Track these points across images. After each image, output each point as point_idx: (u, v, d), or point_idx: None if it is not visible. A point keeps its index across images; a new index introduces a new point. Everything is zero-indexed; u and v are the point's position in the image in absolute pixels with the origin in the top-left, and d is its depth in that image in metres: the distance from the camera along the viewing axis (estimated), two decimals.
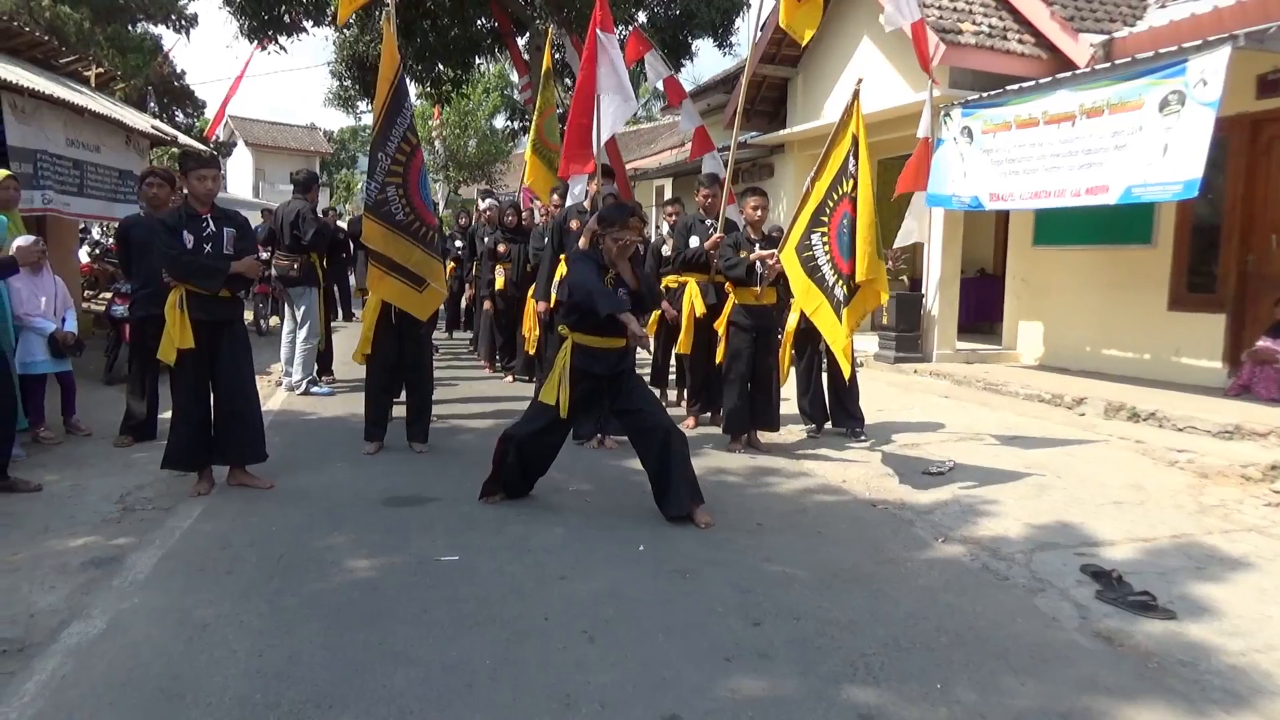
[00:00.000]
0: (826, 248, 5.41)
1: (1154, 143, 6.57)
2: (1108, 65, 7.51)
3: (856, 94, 5.33)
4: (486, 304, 8.98)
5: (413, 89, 20.24)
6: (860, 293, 5.31)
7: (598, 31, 6.23)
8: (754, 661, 2.96)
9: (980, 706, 2.70)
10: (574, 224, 6.61)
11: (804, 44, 6.22)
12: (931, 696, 2.75)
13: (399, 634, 3.10)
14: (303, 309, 7.80)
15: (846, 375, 5.75)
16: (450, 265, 10.77)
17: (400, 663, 2.89)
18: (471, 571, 3.73)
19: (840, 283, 5.27)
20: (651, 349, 4.11)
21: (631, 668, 2.89)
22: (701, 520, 4.35)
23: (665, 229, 7.81)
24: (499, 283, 8.78)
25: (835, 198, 5.36)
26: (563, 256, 6.69)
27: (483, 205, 10.41)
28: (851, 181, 5.21)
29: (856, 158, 5.20)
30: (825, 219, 5.44)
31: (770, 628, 3.22)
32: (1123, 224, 8.47)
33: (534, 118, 8.36)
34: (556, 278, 6.71)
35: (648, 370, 7.94)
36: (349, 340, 7.25)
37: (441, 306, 11.81)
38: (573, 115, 6.71)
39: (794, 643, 3.10)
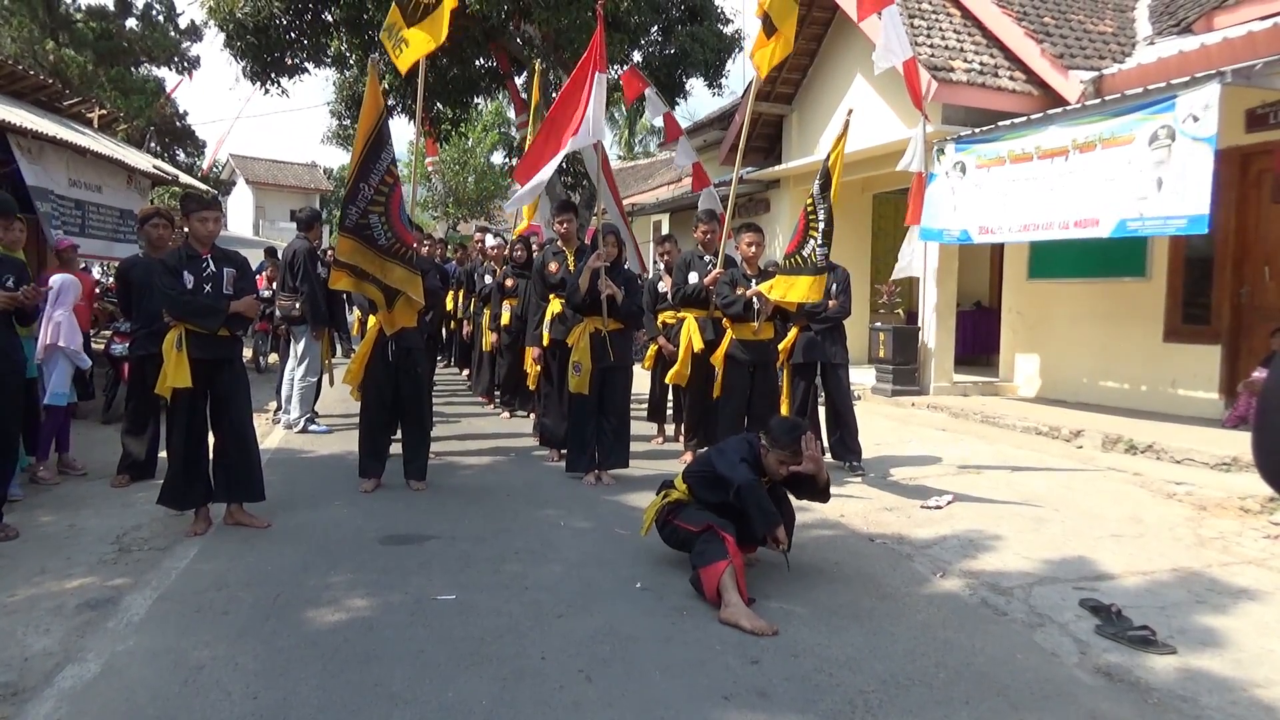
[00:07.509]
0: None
1: (1144, 177, 6.66)
2: (1098, 101, 7.63)
3: (846, 123, 5.72)
4: (492, 338, 8.97)
5: (411, 128, 20.48)
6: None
7: (596, 74, 6.22)
8: (753, 700, 2.94)
9: None
10: (553, 266, 6.62)
11: (762, 77, 6.59)
12: None
13: (395, 674, 3.09)
14: (302, 347, 7.83)
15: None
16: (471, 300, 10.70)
17: (396, 704, 2.87)
18: (469, 610, 3.71)
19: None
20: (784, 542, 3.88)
21: (629, 707, 2.87)
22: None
23: (660, 266, 7.86)
24: (505, 318, 8.79)
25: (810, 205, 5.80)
26: (551, 296, 6.71)
27: (490, 242, 10.23)
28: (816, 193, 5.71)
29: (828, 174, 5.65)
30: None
31: (769, 665, 3.20)
32: (1117, 257, 8.54)
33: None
34: (547, 318, 6.74)
35: (645, 404, 7.96)
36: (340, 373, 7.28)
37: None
38: (540, 135, 6.62)
39: (793, 680, 3.08)
